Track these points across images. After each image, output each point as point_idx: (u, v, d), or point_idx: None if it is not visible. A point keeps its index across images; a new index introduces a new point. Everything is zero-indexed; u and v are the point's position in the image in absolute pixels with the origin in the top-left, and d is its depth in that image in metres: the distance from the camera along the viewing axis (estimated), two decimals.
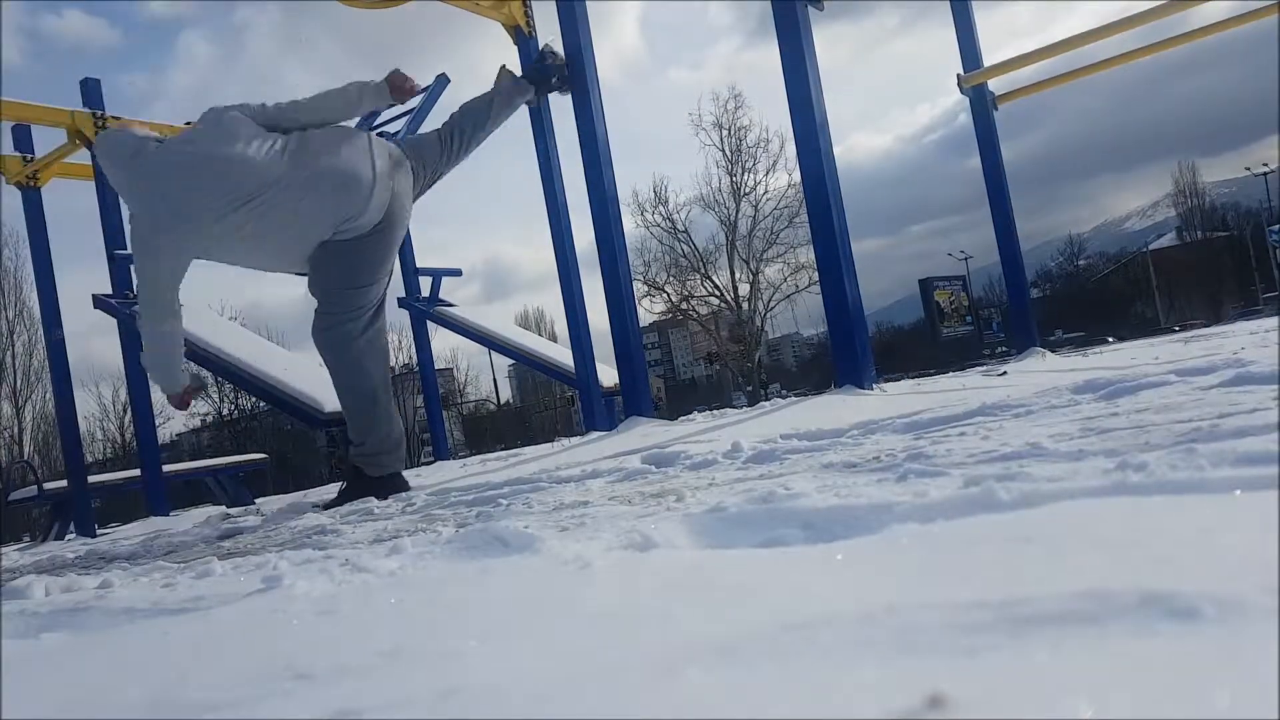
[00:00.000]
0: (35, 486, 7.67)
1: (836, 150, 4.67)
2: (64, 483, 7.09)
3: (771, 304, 29.11)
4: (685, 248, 29.31)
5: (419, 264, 8.71)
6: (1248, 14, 5.97)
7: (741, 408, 6.07)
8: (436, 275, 8.75)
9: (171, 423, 32.02)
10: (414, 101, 8.84)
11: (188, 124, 6.84)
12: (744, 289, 28.84)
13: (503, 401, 46.45)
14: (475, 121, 4.03)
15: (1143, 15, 5.75)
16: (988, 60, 6.63)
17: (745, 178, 28.53)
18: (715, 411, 6.14)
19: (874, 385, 4.35)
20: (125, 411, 29.82)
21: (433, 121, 8.92)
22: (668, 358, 62.15)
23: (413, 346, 9.30)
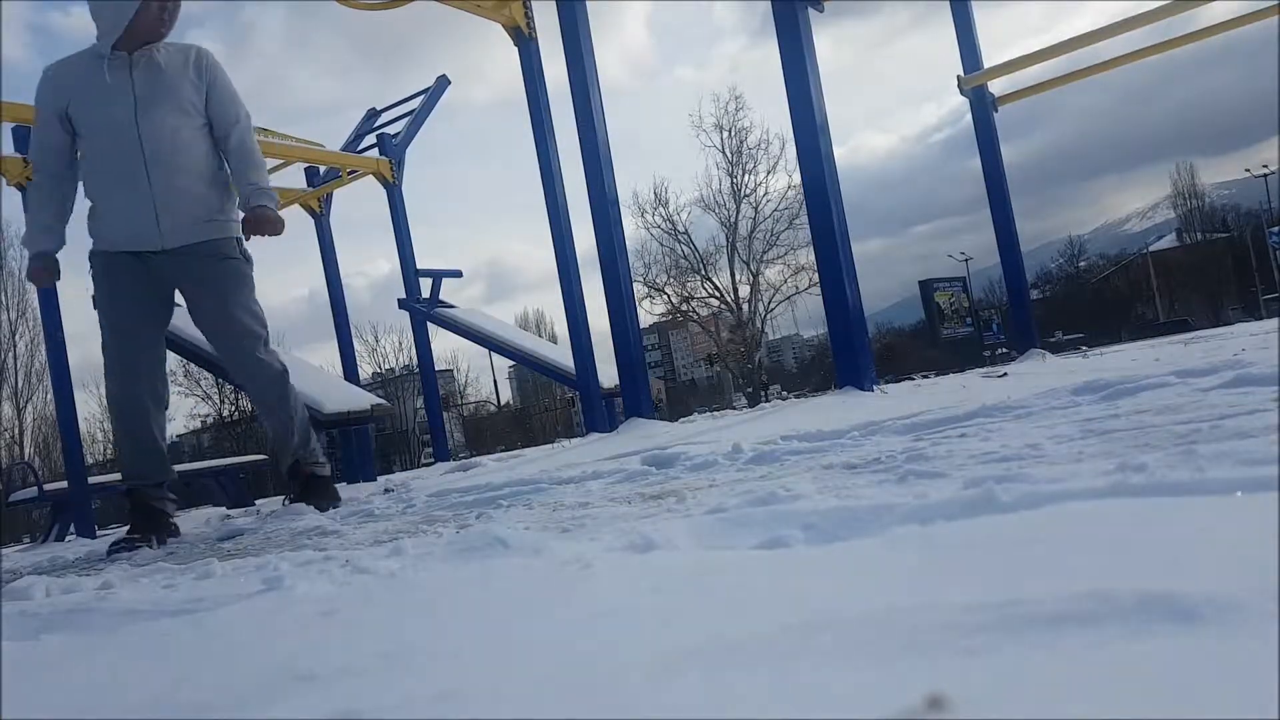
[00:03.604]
0: (36, 487, 7.67)
1: (840, 150, 4.72)
2: (64, 484, 7.08)
3: (772, 305, 29.12)
4: (685, 249, 29.33)
5: (420, 265, 8.73)
6: (1249, 15, 5.98)
7: (742, 409, 6.07)
8: (437, 277, 8.77)
9: (172, 424, 32.07)
10: (415, 103, 8.88)
11: None
12: (744, 290, 28.86)
13: (503, 403, 46.48)
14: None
15: (1144, 16, 5.76)
16: (993, 60, 6.64)
17: (745, 179, 28.55)
18: (715, 413, 6.15)
19: (874, 387, 4.35)
20: None
21: (431, 123, 8.95)
22: (668, 359, 62.13)
23: (413, 348, 9.30)
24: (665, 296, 29.83)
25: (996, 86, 6.72)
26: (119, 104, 3.18)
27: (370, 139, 8.76)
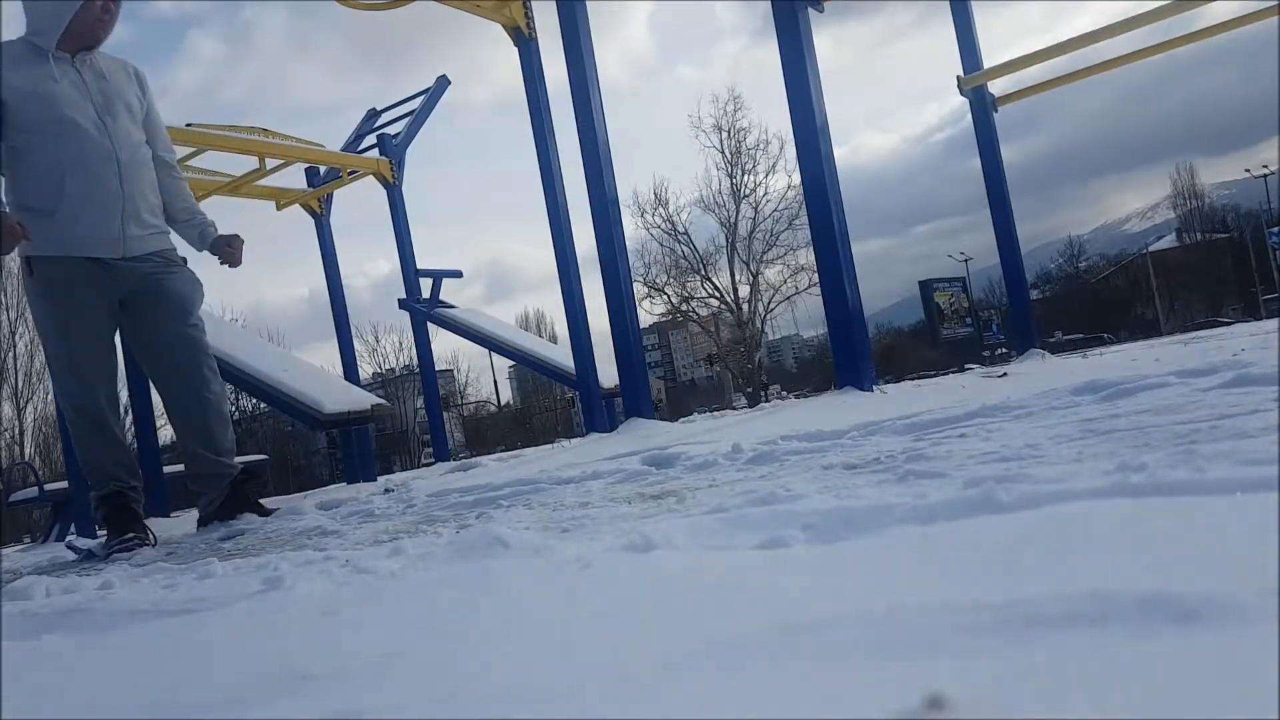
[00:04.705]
0: (36, 487, 7.66)
1: (841, 150, 4.75)
2: (65, 484, 7.08)
3: (772, 305, 29.13)
4: (685, 249, 29.34)
5: (420, 265, 8.73)
6: (1249, 15, 5.99)
7: (741, 409, 6.08)
8: (437, 277, 8.77)
9: None
10: (415, 103, 8.89)
11: (189, 125, 6.79)
12: (744, 290, 28.88)
13: (503, 403, 46.47)
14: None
15: (1145, 16, 5.76)
16: (994, 60, 6.64)
17: (745, 179, 28.56)
18: (715, 413, 6.15)
19: (874, 386, 4.35)
20: (126, 413, 29.78)
21: (431, 123, 8.95)
22: (668, 359, 62.16)
23: (413, 348, 9.30)
24: (665, 296, 29.85)
25: (996, 87, 6.72)
26: (80, 105, 3.11)
27: (370, 139, 8.77)
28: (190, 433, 3.32)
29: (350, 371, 8.89)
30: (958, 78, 6.64)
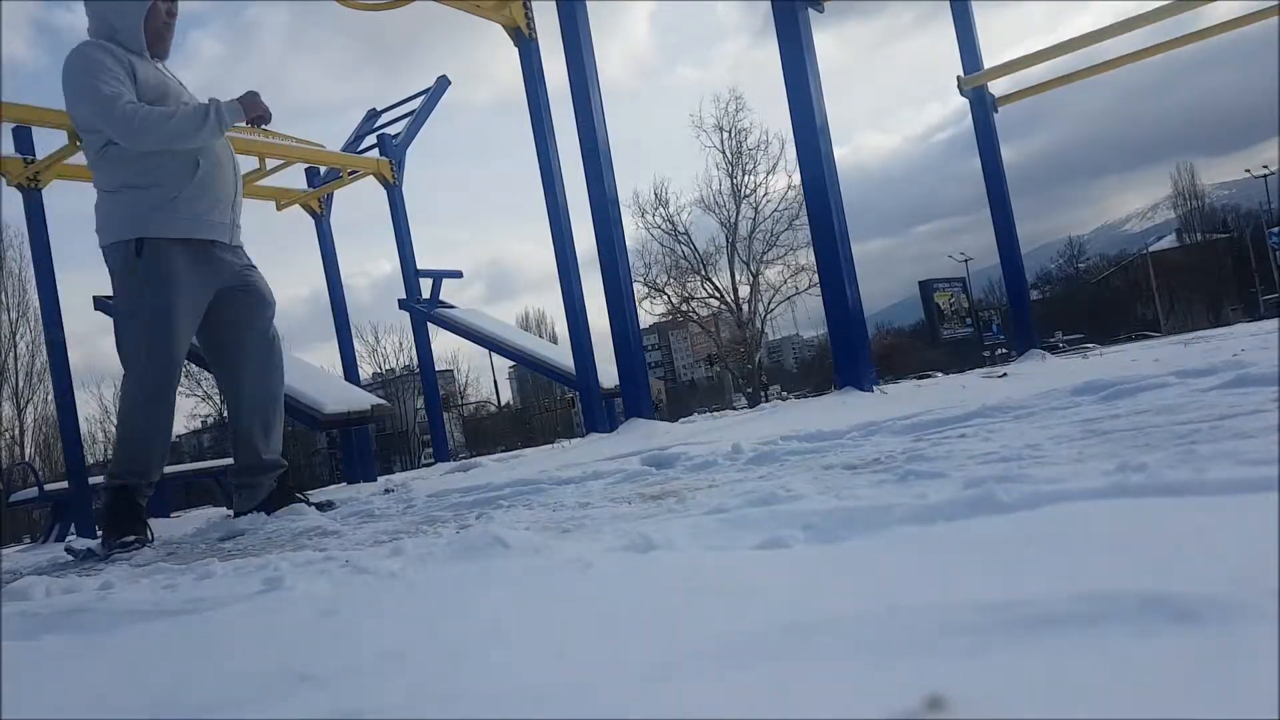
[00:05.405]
0: (36, 487, 7.66)
1: (842, 150, 4.79)
2: (65, 484, 7.08)
3: (772, 306, 29.13)
4: (686, 249, 29.34)
5: (420, 265, 8.73)
6: (1249, 15, 5.99)
7: (741, 409, 6.07)
8: (437, 277, 8.77)
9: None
10: (415, 103, 8.88)
11: None
12: (744, 291, 28.87)
13: (503, 403, 46.46)
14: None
15: (1145, 16, 5.76)
16: (995, 61, 6.64)
17: (745, 180, 28.56)
18: (715, 413, 6.15)
19: (874, 387, 4.35)
20: None
21: (431, 123, 8.95)
22: (668, 359, 62.19)
23: (413, 348, 9.29)
24: (665, 296, 29.84)
25: (997, 87, 6.72)
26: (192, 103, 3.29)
27: (370, 139, 8.76)
28: (255, 426, 3.42)
29: (350, 371, 8.89)
30: (958, 78, 6.64)
